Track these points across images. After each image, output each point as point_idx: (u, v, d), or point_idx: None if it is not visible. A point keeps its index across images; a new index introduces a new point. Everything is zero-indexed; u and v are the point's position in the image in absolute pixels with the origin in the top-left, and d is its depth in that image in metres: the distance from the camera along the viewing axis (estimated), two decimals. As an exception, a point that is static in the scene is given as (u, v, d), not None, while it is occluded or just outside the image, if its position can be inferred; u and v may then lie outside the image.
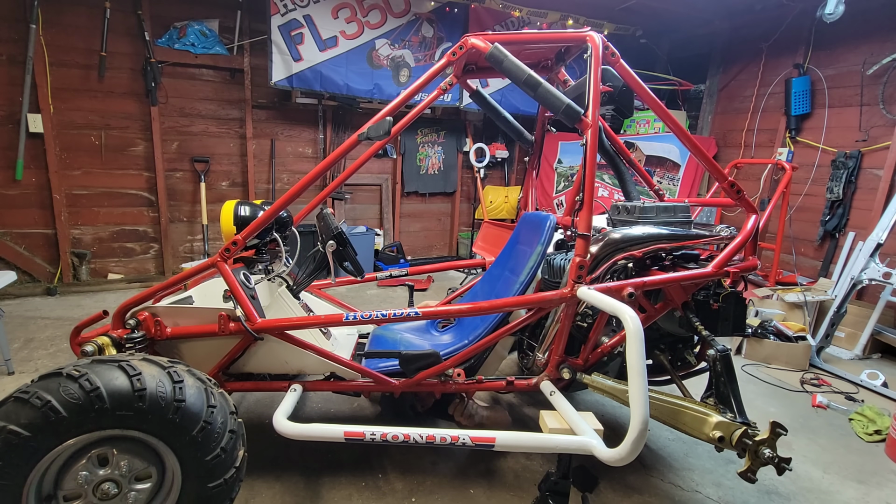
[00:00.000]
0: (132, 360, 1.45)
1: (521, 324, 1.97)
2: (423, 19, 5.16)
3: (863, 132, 4.27)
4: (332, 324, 1.85)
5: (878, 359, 3.73)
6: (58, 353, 3.13)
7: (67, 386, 1.32)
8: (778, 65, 4.97)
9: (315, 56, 4.73)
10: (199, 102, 4.72)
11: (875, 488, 2.20)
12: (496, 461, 2.23)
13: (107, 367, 1.40)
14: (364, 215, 5.79)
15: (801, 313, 3.72)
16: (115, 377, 1.37)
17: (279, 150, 5.14)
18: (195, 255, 4.98)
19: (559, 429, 1.66)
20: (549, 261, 2.17)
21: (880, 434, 2.58)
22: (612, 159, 2.28)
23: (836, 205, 4.42)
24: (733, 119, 5.49)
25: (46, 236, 4.37)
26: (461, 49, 1.88)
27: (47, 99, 4.10)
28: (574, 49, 2.29)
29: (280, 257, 2.37)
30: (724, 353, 1.76)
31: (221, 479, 1.47)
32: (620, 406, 2.72)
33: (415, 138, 5.76)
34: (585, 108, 1.75)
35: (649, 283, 1.81)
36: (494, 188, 6.22)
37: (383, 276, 2.80)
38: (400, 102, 1.88)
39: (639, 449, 1.40)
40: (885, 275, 3.44)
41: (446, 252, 6.41)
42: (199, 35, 4.50)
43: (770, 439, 1.59)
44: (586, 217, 1.73)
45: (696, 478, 2.19)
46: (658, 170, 5.66)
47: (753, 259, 1.98)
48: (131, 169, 4.57)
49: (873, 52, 4.16)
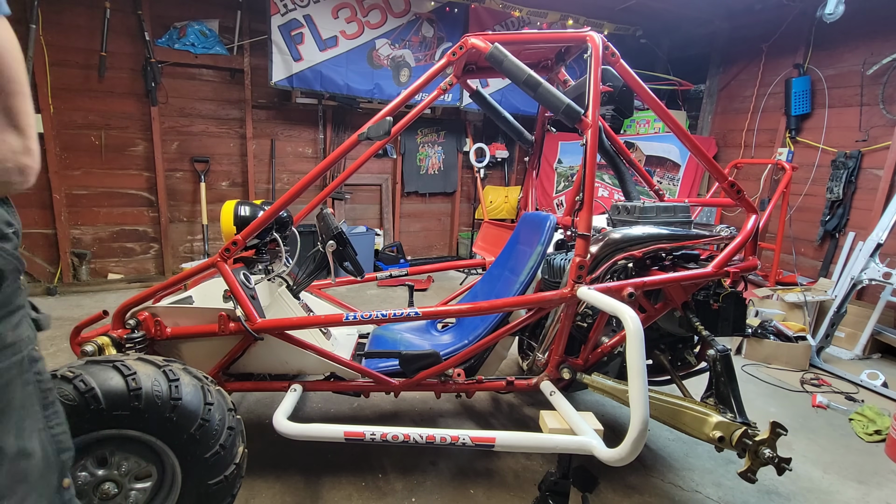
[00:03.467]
0: (127, 359, 1.45)
1: (521, 324, 1.97)
2: (424, 19, 5.16)
3: (863, 132, 4.27)
4: (332, 324, 1.85)
5: (878, 359, 3.73)
6: (58, 353, 3.12)
7: (62, 387, 1.32)
8: (778, 65, 4.97)
9: (315, 56, 4.73)
10: (199, 102, 4.73)
11: (875, 488, 2.20)
12: (496, 461, 2.22)
13: (102, 367, 1.40)
14: (364, 215, 5.79)
15: (801, 313, 3.72)
16: (110, 377, 1.37)
17: (279, 150, 5.14)
18: (195, 255, 4.98)
19: (559, 429, 1.66)
20: (549, 261, 2.17)
21: (880, 434, 2.58)
22: (612, 159, 2.28)
23: (836, 205, 4.42)
24: (733, 119, 5.49)
25: (46, 236, 4.37)
26: (461, 49, 1.88)
27: (47, 99, 4.10)
28: (574, 49, 2.29)
29: (280, 257, 2.37)
30: (724, 353, 1.76)
31: (222, 475, 1.48)
32: (620, 406, 2.72)
33: (415, 138, 5.76)
34: (585, 108, 1.75)
35: (649, 283, 1.81)
36: (494, 188, 6.22)
37: (383, 276, 2.80)
38: (400, 102, 1.88)
39: (639, 449, 1.40)
40: (885, 275, 3.44)
41: (446, 252, 6.41)
42: (199, 35, 4.50)
43: (770, 439, 1.59)
44: (586, 217, 1.73)
45: (696, 478, 2.19)
46: (658, 170, 5.66)
47: (753, 259, 1.98)
48: (131, 169, 4.57)
49: (873, 52, 4.16)
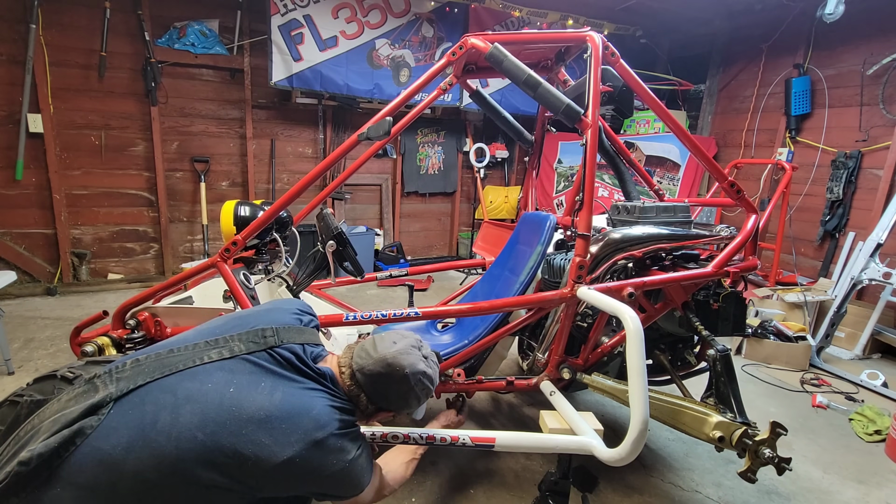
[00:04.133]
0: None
1: (521, 324, 1.97)
2: (423, 19, 5.16)
3: (863, 132, 4.27)
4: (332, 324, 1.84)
5: (878, 359, 3.73)
6: (58, 353, 3.13)
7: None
8: (778, 65, 4.97)
9: (315, 56, 4.73)
10: (199, 102, 4.73)
11: (875, 488, 2.20)
12: (496, 461, 2.22)
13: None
14: (364, 215, 5.79)
15: (801, 313, 3.72)
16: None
17: (279, 150, 5.14)
18: (195, 255, 4.98)
19: (559, 429, 1.66)
20: (549, 261, 2.17)
21: (880, 434, 2.58)
22: (612, 159, 2.28)
23: (836, 205, 4.42)
24: (733, 119, 5.49)
25: (46, 236, 4.37)
26: (461, 49, 1.88)
27: (47, 99, 4.10)
28: (574, 49, 2.29)
29: (280, 257, 2.37)
30: (724, 353, 1.76)
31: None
32: (620, 406, 2.72)
33: (415, 138, 5.76)
34: (585, 108, 1.75)
35: (649, 283, 1.81)
36: (494, 188, 6.22)
37: (383, 276, 2.80)
38: (400, 102, 1.88)
39: (639, 449, 1.40)
40: (885, 275, 3.44)
41: (446, 252, 6.41)
42: (199, 35, 4.50)
43: (770, 439, 1.59)
44: (586, 217, 1.73)
45: (696, 478, 2.19)
46: (658, 170, 5.66)
47: (753, 259, 1.98)
48: (131, 169, 4.57)
49: (873, 52, 4.16)
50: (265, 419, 1.01)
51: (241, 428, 0.99)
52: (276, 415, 1.03)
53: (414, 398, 1.26)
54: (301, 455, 1.02)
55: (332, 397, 1.16)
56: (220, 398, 1.02)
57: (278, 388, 1.08)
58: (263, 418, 1.01)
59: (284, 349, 1.15)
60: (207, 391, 1.03)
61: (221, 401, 1.01)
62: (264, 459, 0.99)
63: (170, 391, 1.02)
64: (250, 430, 0.99)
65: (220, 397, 1.02)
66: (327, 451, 1.07)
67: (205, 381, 1.05)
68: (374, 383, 1.20)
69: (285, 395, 1.07)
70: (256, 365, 1.10)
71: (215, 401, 1.01)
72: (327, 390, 1.16)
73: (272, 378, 1.09)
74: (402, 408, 1.29)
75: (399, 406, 1.28)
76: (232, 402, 1.02)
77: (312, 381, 1.15)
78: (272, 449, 1.00)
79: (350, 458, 1.12)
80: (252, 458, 0.98)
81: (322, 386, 1.16)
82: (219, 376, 1.06)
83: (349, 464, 1.11)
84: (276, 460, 1.00)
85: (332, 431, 1.09)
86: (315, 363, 1.19)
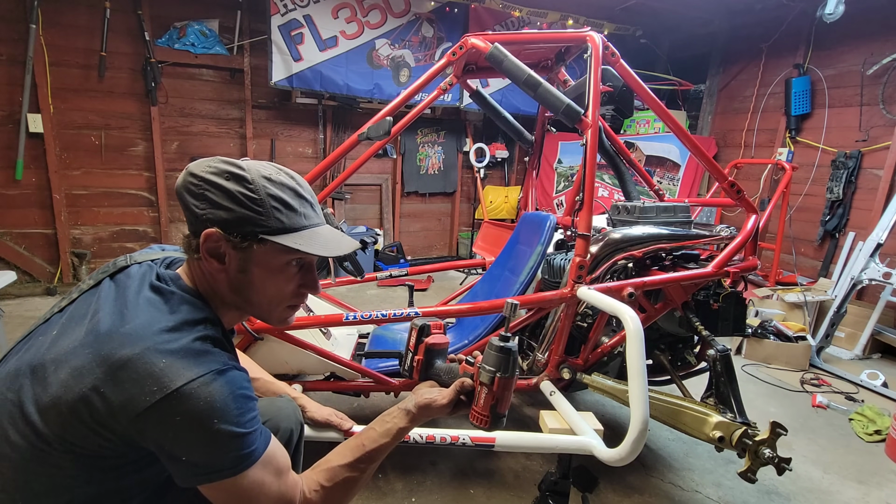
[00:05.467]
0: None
1: (521, 324, 1.97)
2: (423, 19, 5.16)
3: (863, 132, 4.27)
4: (332, 324, 1.85)
5: (878, 359, 3.73)
6: (58, 353, 3.12)
7: None
8: (778, 65, 4.97)
9: (315, 56, 4.73)
10: (199, 102, 4.72)
11: (875, 488, 2.20)
12: (496, 461, 2.22)
13: None
14: (364, 215, 5.79)
15: (801, 313, 3.72)
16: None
17: (279, 150, 5.14)
18: (195, 255, 4.97)
19: (559, 429, 1.66)
20: (549, 261, 2.17)
21: (880, 434, 2.58)
22: (612, 159, 2.28)
23: (836, 205, 4.42)
24: (733, 119, 5.49)
25: (46, 236, 4.37)
26: (461, 49, 1.88)
27: (47, 99, 4.10)
28: (574, 49, 2.29)
29: (280, 257, 2.36)
30: (724, 353, 1.76)
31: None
32: (620, 406, 2.71)
33: (415, 138, 5.76)
34: (585, 108, 1.75)
35: (649, 283, 1.81)
36: (494, 188, 6.22)
37: (383, 276, 2.80)
38: (400, 102, 1.88)
39: (639, 449, 1.40)
40: (885, 275, 3.44)
41: (446, 252, 6.41)
42: (199, 35, 4.50)
43: (770, 439, 1.59)
44: (586, 217, 1.73)
45: (696, 478, 2.19)
46: (658, 170, 5.66)
47: (753, 259, 1.99)
48: (131, 169, 4.56)
49: (873, 52, 4.16)
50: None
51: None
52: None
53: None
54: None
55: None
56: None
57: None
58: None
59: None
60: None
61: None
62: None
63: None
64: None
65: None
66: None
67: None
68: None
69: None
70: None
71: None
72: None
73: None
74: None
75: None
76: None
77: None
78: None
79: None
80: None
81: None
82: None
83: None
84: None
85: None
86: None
